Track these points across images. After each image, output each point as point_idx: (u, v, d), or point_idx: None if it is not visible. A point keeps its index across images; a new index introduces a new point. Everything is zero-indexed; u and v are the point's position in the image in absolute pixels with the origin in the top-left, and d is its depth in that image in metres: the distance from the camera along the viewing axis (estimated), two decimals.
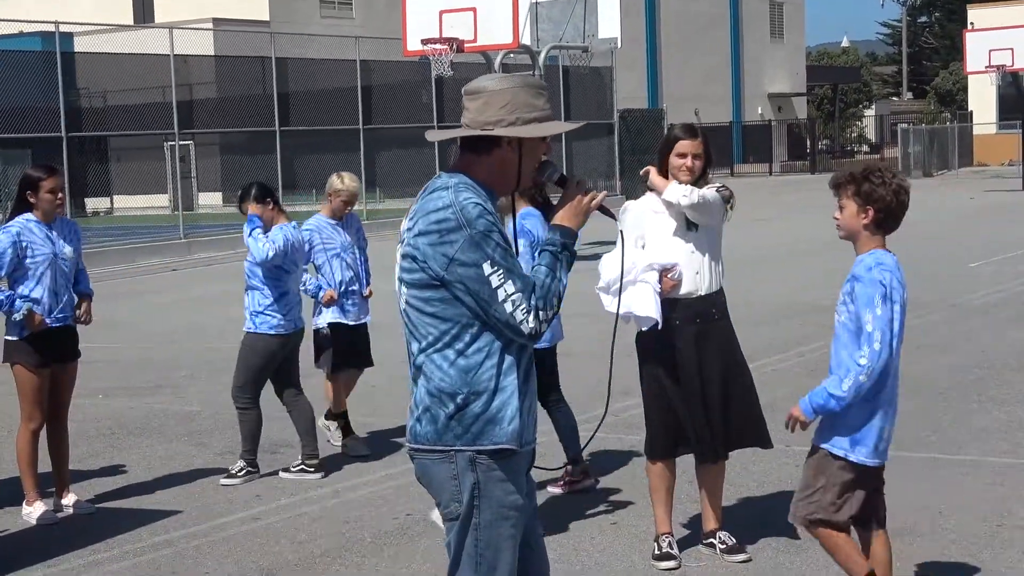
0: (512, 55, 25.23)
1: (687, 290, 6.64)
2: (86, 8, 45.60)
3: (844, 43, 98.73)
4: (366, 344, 9.68)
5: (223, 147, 41.32)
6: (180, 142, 33.38)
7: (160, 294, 20.92)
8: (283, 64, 35.70)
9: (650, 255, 6.59)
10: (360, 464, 9.18)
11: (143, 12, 51.14)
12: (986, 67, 41.04)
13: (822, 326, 14.16)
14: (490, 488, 4.20)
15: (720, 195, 6.65)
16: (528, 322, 4.08)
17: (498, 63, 24.35)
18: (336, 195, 9.46)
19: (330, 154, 35.47)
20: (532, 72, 24.25)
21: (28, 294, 7.95)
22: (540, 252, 4.22)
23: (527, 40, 23.76)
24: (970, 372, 11.46)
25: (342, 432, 9.52)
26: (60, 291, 8.10)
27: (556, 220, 4.28)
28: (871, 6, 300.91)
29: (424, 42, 23.38)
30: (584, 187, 4.30)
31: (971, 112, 61.88)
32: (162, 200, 37.84)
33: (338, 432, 9.53)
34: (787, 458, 8.62)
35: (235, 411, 8.94)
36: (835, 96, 75.05)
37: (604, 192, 4.44)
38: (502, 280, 4.06)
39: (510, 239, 4.21)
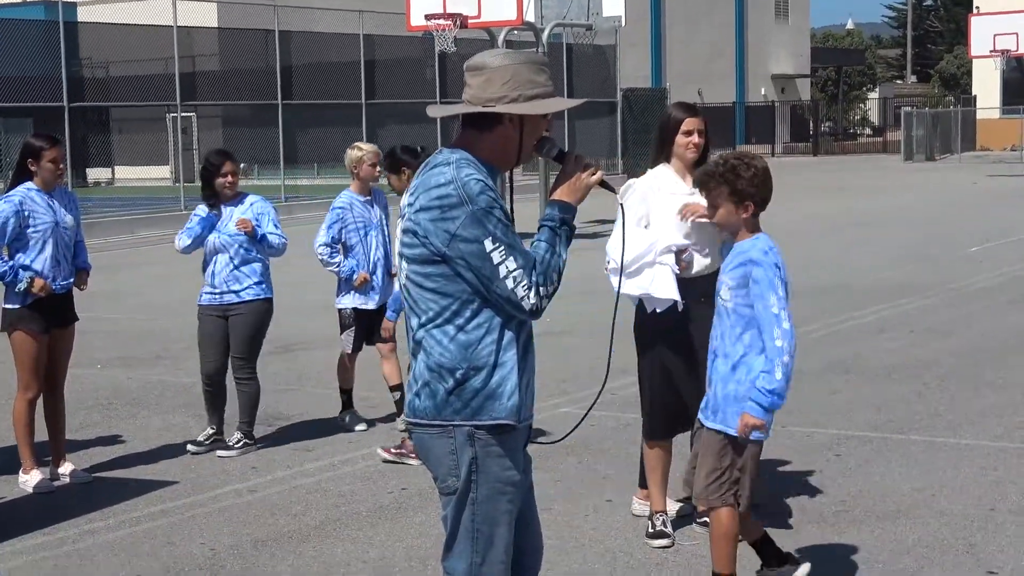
0: (516, 32, 25.19)
1: (695, 270, 6.66)
2: None
3: (849, 25, 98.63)
4: None
5: (225, 119, 41.28)
6: (182, 114, 33.34)
7: (160, 265, 20.91)
8: (286, 37, 35.63)
9: (659, 235, 6.55)
10: (356, 438, 9.19)
11: None
12: (991, 51, 41.01)
13: (819, 307, 14.18)
14: (488, 463, 4.20)
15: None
16: (529, 298, 4.09)
17: (502, 40, 24.32)
18: (360, 162, 9.26)
19: (332, 128, 35.49)
20: (535, 49, 24.22)
21: (30, 263, 7.95)
22: (539, 228, 4.22)
23: (531, 17, 23.73)
24: (968, 356, 11.46)
25: (343, 405, 9.47)
26: (61, 260, 8.11)
27: (555, 195, 4.28)
28: None
29: (428, 17, 23.36)
30: (583, 162, 4.29)
31: (975, 96, 61.75)
32: (163, 171, 37.80)
33: (358, 419, 9.45)
34: (784, 439, 8.64)
35: (234, 382, 8.93)
36: (839, 78, 74.94)
37: (601, 170, 4.41)
38: (504, 256, 4.06)
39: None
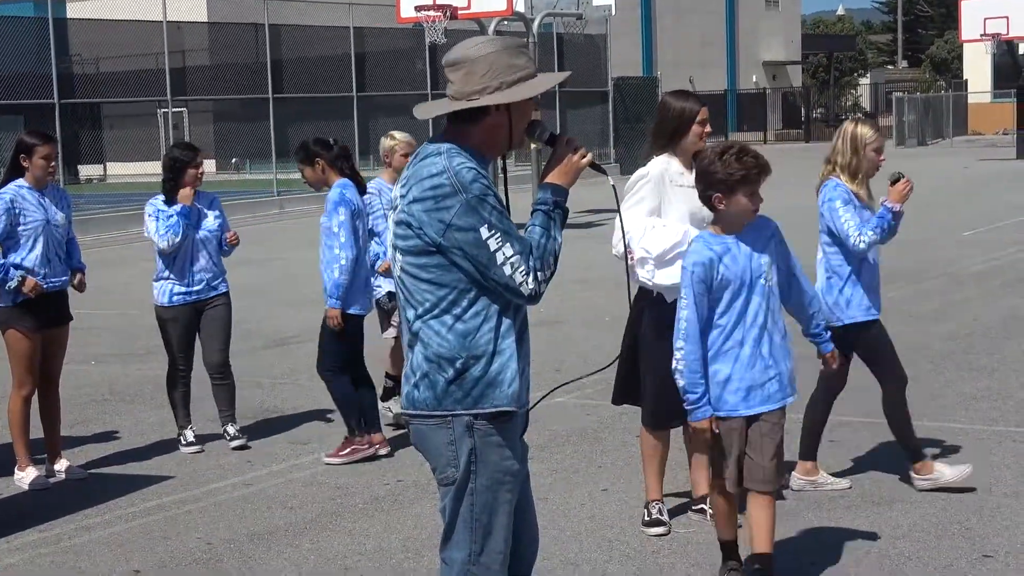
0: (506, 22, 25.18)
1: None
2: None
3: (840, 11, 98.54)
4: None
5: (216, 114, 41.23)
6: (173, 109, 33.28)
7: (152, 261, 20.85)
8: (276, 31, 35.56)
9: (688, 226, 6.56)
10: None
11: None
12: (981, 35, 40.95)
13: None
14: (487, 453, 4.21)
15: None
16: (528, 283, 4.09)
17: (492, 30, 24.30)
18: (392, 152, 9.27)
19: (323, 121, 35.37)
20: (526, 39, 24.20)
21: (21, 261, 7.94)
22: (533, 212, 4.22)
23: (521, 7, 23.72)
24: (962, 340, 11.48)
25: (390, 393, 9.35)
26: (52, 257, 8.10)
27: (548, 179, 4.27)
28: None
29: (418, 9, 23.36)
30: (574, 145, 4.29)
31: (966, 81, 61.81)
32: (155, 167, 37.53)
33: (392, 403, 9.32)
34: None
35: (215, 377, 8.91)
36: (830, 64, 74.91)
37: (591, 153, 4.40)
38: (500, 243, 4.06)
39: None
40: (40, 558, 6.82)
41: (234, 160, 41.67)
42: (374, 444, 8.44)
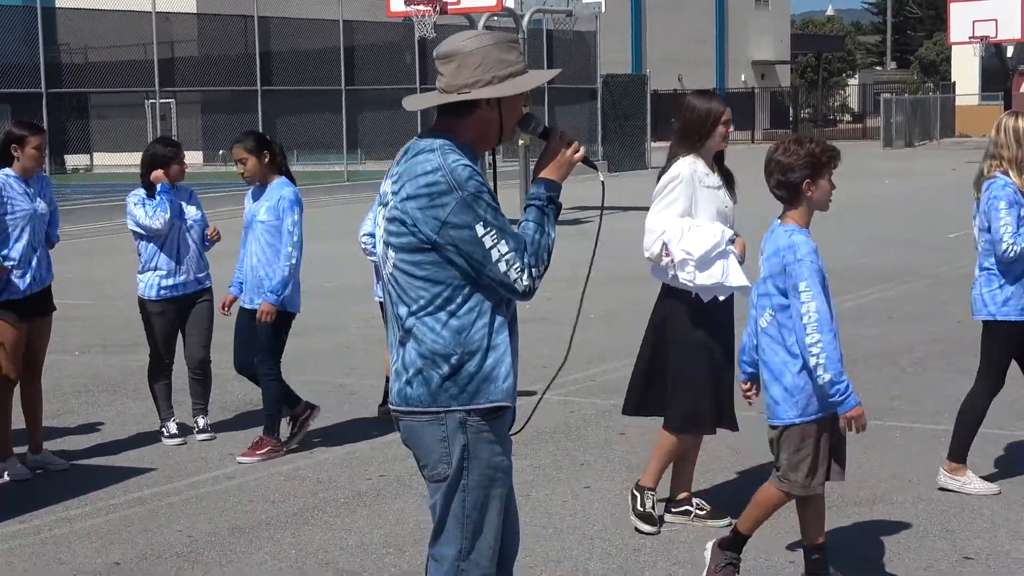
0: (496, 18, 25.16)
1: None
2: None
3: (829, 12, 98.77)
4: None
5: (204, 106, 41.13)
6: (161, 100, 33.21)
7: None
8: (266, 23, 35.50)
9: (710, 226, 6.57)
10: (334, 425, 9.18)
11: None
12: (970, 38, 41.05)
13: None
14: (479, 450, 4.20)
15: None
16: (523, 280, 4.09)
17: (481, 26, 24.28)
18: None
19: (312, 114, 35.40)
20: (515, 36, 24.22)
21: (7, 252, 7.91)
22: (526, 207, 4.21)
23: (511, 3, 23.72)
24: (946, 342, 11.49)
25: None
26: (37, 247, 8.08)
27: (541, 173, 4.26)
28: None
29: (407, 3, 23.34)
30: (567, 139, 4.29)
31: (954, 83, 61.93)
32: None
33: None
34: (760, 427, 8.64)
35: (195, 371, 8.91)
36: (819, 65, 75.03)
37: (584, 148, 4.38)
38: (495, 240, 4.05)
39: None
40: (20, 549, 6.79)
41: (221, 152, 41.59)
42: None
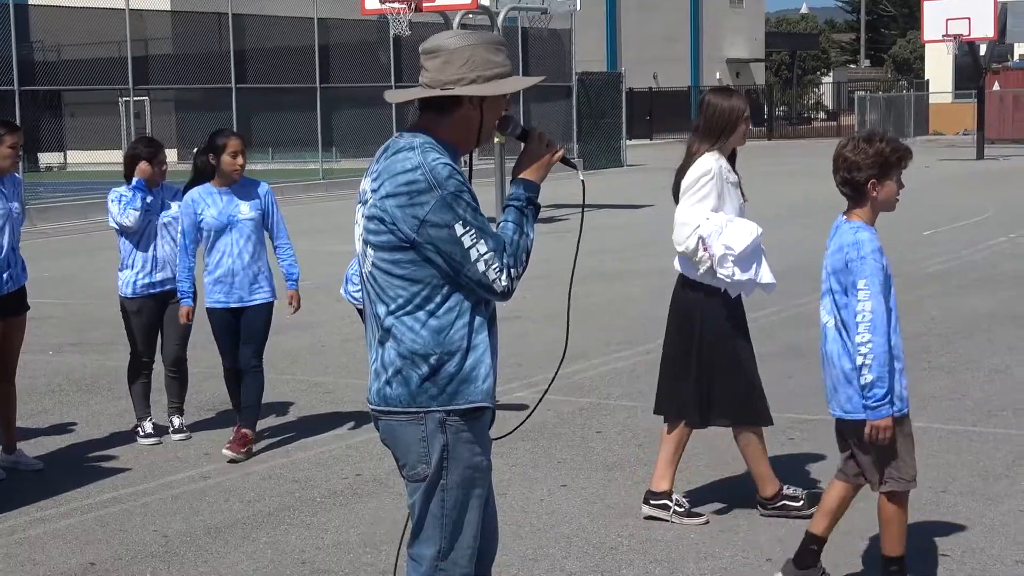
0: (471, 15, 25.13)
1: None
2: None
3: (803, 10, 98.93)
4: None
5: (179, 103, 41.02)
6: (135, 98, 33.10)
7: (113, 250, 20.71)
8: (240, 21, 35.41)
9: (744, 222, 6.64)
10: (310, 424, 9.16)
11: None
12: (943, 36, 41.16)
13: (777, 291, 14.21)
14: (459, 450, 4.19)
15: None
16: (501, 281, 4.07)
17: (456, 23, 24.24)
18: None
19: (286, 112, 35.33)
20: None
21: None
22: (505, 208, 4.20)
23: (486, 1, 23.67)
24: (919, 339, 11.52)
25: None
26: (16, 247, 8.03)
27: (520, 174, 4.25)
28: None
29: (382, 1, 23.25)
30: (545, 140, 4.28)
31: (927, 81, 62.09)
32: (116, 156, 37.34)
33: None
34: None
35: (172, 369, 8.90)
36: (793, 63, 75.21)
37: (564, 145, 4.39)
38: (474, 240, 4.04)
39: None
40: None
41: (196, 150, 41.45)
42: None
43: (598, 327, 12.18)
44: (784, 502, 6.88)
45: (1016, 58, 54.39)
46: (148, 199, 8.63)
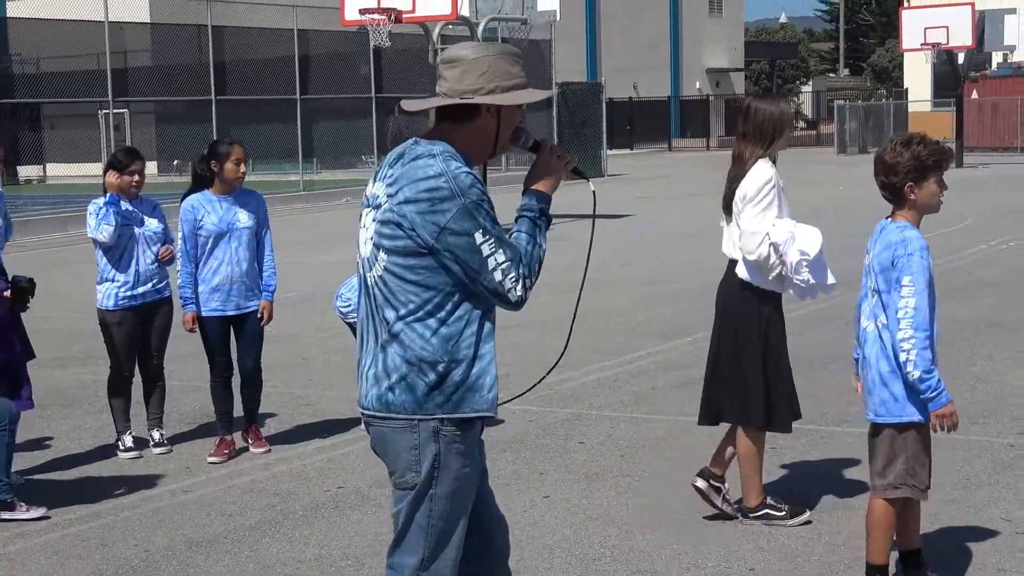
0: (451, 26, 25.16)
1: None
2: None
3: (782, 19, 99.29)
4: None
5: (159, 116, 40.97)
6: (115, 110, 33.02)
7: (93, 263, 20.68)
8: (220, 32, 35.39)
9: (808, 227, 6.72)
10: (292, 436, 9.13)
11: None
12: (921, 44, 41.35)
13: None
14: (449, 460, 4.19)
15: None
16: (516, 291, 4.11)
17: (436, 34, 24.27)
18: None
19: (267, 124, 35.29)
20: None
21: None
22: (518, 218, 4.23)
23: (466, 11, 23.69)
24: None
25: None
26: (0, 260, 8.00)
27: (533, 185, 4.29)
28: None
29: (362, 12, 23.27)
30: (557, 151, 4.33)
31: (906, 89, 62.28)
32: (96, 168, 37.23)
33: None
34: (719, 434, 8.67)
35: (149, 380, 8.90)
36: (772, 72, 75.44)
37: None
38: (493, 249, 4.07)
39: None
40: None
41: (176, 162, 41.39)
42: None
43: (580, 337, 12.18)
44: (767, 511, 6.88)
45: (994, 67, 54.62)
46: (129, 210, 8.61)
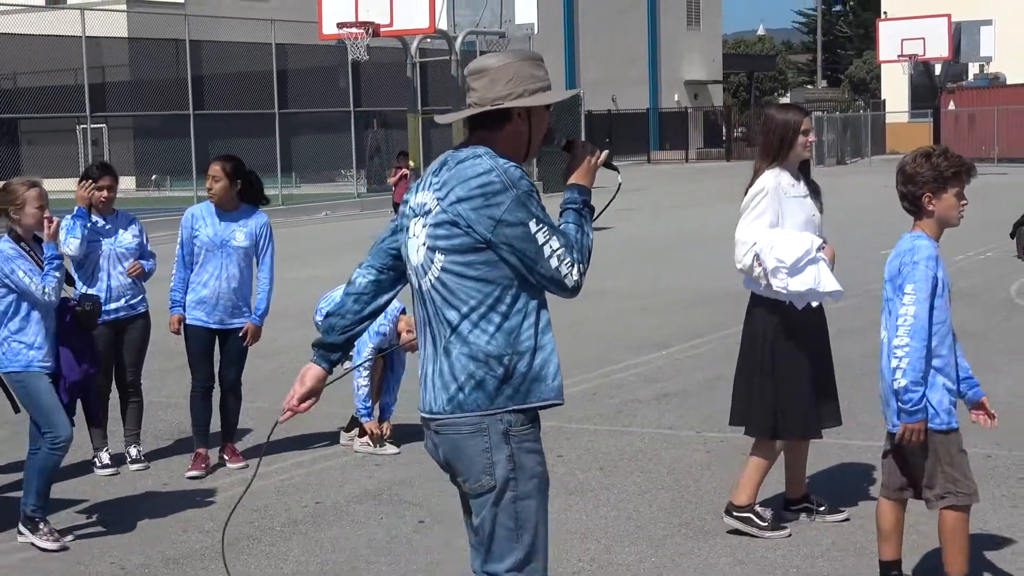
0: (429, 40, 25.18)
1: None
2: None
3: (760, 31, 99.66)
4: None
5: (137, 131, 40.86)
6: (93, 125, 32.94)
7: None
8: (198, 47, 35.35)
9: (800, 235, 6.73)
10: (270, 451, 9.07)
11: None
12: (898, 56, 41.61)
13: (732, 313, 14.25)
14: (523, 459, 4.26)
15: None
16: (572, 276, 4.21)
17: (415, 48, 24.29)
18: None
19: (245, 138, 35.21)
20: (448, 57, 24.22)
21: None
22: (564, 211, 4.35)
23: (444, 25, 23.72)
24: (873, 359, 11.53)
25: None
26: None
27: (572, 180, 4.41)
28: None
29: (340, 26, 23.28)
30: (589, 147, 4.46)
31: (884, 100, 62.60)
32: (74, 184, 37.14)
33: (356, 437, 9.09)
34: (698, 444, 8.67)
35: (125, 396, 8.89)
36: (751, 84, 75.69)
37: (607, 151, 4.53)
38: (547, 237, 4.17)
39: None
40: None
41: (154, 177, 41.31)
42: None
43: (564, 347, 12.16)
44: (751, 516, 6.90)
45: (971, 77, 54.88)
46: (98, 223, 8.58)
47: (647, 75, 67.99)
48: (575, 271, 4.21)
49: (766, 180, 6.80)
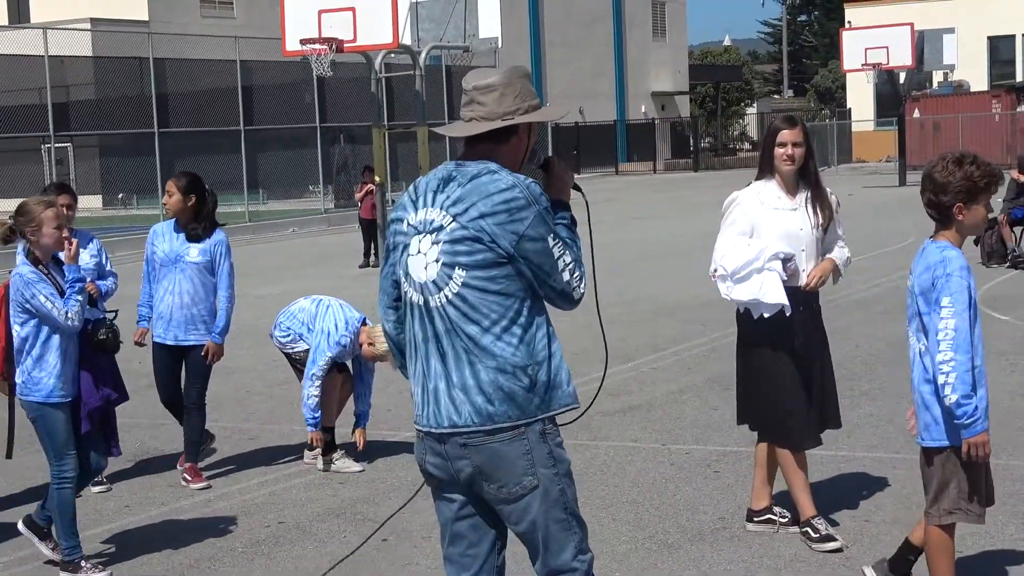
0: (393, 55, 25.13)
1: (801, 282, 6.86)
2: None
3: (726, 42, 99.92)
4: None
5: (102, 149, 40.68)
6: (57, 144, 32.79)
7: None
8: (162, 65, 35.23)
9: (768, 243, 6.72)
10: (233, 472, 9.03)
11: (18, 12, 50.19)
12: (863, 65, 41.67)
13: (700, 323, 14.26)
14: (560, 454, 4.40)
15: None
16: (580, 289, 4.37)
17: (379, 63, 24.25)
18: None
19: (211, 155, 35.11)
20: (413, 72, 24.18)
21: None
22: (557, 226, 4.39)
23: (407, 40, 23.66)
24: (843, 367, 11.55)
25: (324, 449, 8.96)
26: None
27: (555, 195, 4.49)
28: (752, 5, 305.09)
29: (303, 42, 23.17)
30: (564, 166, 4.59)
31: (849, 109, 62.81)
32: None
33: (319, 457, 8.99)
34: (662, 456, 8.66)
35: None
36: (717, 94, 75.83)
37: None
38: (562, 251, 4.31)
39: None
40: None
41: (120, 195, 41.12)
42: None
43: None
44: (771, 516, 7.12)
45: (935, 85, 55.15)
46: None
47: (614, 87, 68.10)
48: (582, 284, 4.35)
49: (741, 191, 6.90)
